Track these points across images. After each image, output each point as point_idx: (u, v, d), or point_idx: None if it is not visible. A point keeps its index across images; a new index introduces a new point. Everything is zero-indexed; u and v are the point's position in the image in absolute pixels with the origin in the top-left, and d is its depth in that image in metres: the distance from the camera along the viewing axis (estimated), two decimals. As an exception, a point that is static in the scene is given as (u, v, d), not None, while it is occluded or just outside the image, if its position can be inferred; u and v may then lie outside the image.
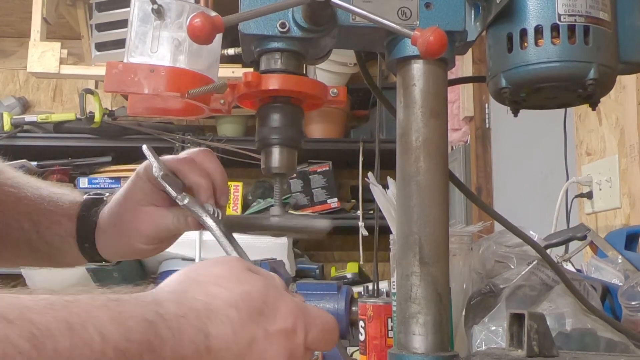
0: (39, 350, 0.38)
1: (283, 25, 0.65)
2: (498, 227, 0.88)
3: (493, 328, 0.84)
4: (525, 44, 0.67)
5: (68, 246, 0.80)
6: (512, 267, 0.95)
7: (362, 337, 0.98)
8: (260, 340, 0.48)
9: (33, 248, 0.80)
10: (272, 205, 0.70)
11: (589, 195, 1.72)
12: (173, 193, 0.69)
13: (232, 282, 0.49)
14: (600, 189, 1.68)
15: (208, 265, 0.52)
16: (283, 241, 2.43)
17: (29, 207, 0.80)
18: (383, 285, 1.52)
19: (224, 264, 0.52)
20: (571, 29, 0.66)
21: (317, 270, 3.00)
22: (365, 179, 1.13)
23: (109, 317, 0.42)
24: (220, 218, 0.68)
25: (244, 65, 2.45)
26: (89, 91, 2.97)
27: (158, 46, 0.70)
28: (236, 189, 3.18)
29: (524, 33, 0.67)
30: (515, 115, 0.75)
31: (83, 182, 3.14)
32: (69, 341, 0.39)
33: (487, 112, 2.69)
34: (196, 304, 0.47)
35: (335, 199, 3.17)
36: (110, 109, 3.12)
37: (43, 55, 2.52)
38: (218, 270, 0.51)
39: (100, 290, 0.46)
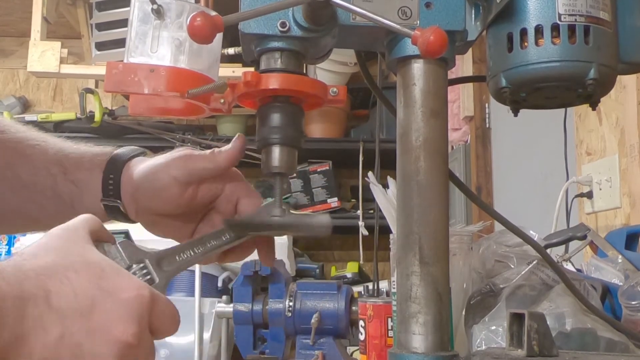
0: None
1: (283, 24, 0.65)
2: (498, 226, 0.88)
3: (493, 328, 0.84)
4: (526, 44, 0.67)
5: (92, 183, 0.77)
6: (512, 266, 0.95)
7: (362, 337, 0.98)
8: (105, 301, 0.50)
9: (57, 192, 0.77)
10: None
11: (589, 195, 1.72)
12: None
13: (69, 252, 0.52)
14: (600, 189, 1.68)
15: (56, 235, 0.54)
16: (283, 241, 2.43)
17: (57, 154, 0.79)
18: (383, 285, 1.52)
19: (61, 237, 0.54)
20: (571, 28, 0.66)
21: (317, 270, 3.00)
22: (366, 178, 1.13)
23: None
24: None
25: (244, 65, 2.45)
26: (89, 91, 2.97)
27: (158, 46, 0.70)
28: (236, 188, 3.19)
29: (524, 33, 0.67)
30: (515, 115, 0.75)
31: (83, 181, 3.15)
32: None
33: (487, 111, 2.69)
34: (35, 265, 0.49)
35: (335, 199, 3.17)
36: (110, 108, 3.12)
37: (43, 54, 2.52)
38: (55, 243, 0.53)
39: None
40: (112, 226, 0.78)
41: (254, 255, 1.05)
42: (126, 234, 1.59)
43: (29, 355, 0.46)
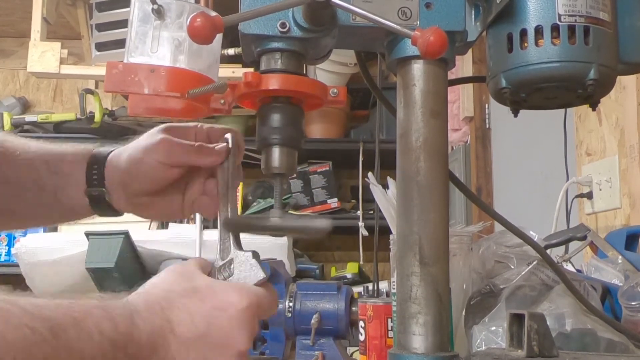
0: (57, 339, 0.47)
1: (283, 25, 0.65)
2: (498, 227, 0.88)
3: (493, 328, 0.84)
4: (526, 44, 0.67)
5: (76, 173, 0.79)
6: (512, 267, 0.95)
7: (362, 337, 0.98)
8: (219, 321, 0.58)
9: (40, 185, 0.79)
10: (272, 206, 0.70)
11: (589, 196, 1.72)
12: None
13: (181, 280, 0.60)
14: (600, 189, 1.68)
15: (161, 274, 0.62)
16: (283, 241, 2.43)
17: (39, 150, 0.81)
18: (383, 285, 1.52)
19: (172, 269, 0.62)
20: (571, 29, 0.66)
21: (317, 270, 3.00)
22: (365, 179, 1.13)
23: (102, 315, 0.52)
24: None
25: (244, 65, 2.46)
26: (89, 91, 2.97)
27: (158, 46, 0.70)
28: (236, 189, 3.19)
29: (524, 33, 0.67)
30: (515, 116, 0.75)
31: (83, 182, 3.15)
32: (76, 333, 0.49)
33: (487, 112, 2.69)
34: (157, 299, 0.57)
35: (335, 199, 3.17)
36: (110, 109, 3.12)
37: (43, 55, 2.52)
38: (168, 276, 0.61)
39: (90, 297, 0.56)
40: (111, 226, 0.78)
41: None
42: (126, 235, 1.58)
43: None
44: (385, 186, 1.04)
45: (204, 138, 0.77)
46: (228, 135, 0.76)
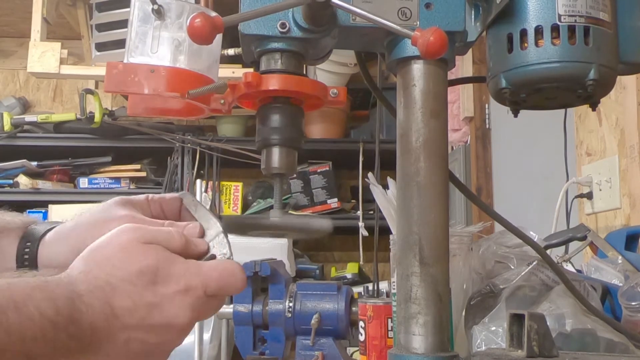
0: None
1: (283, 25, 0.65)
2: (498, 227, 0.88)
3: (493, 328, 0.84)
4: (526, 45, 0.67)
5: (5, 248, 0.70)
6: (512, 267, 0.95)
7: (362, 338, 0.98)
8: (159, 303, 0.58)
9: None
10: (272, 206, 0.70)
11: (589, 196, 1.72)
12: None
13: (125, 262, 0.58)
14: (600, 190, 1.68)
15: (102, 247, 0.60)
16: (283, 241, 2.43)
17: None
18: (383, 286, 1.52)
19: (115, 244, 0.60)
20: (571, 29, 0.66)
21: (317, 271, 3.00)
22: (365, 179, 1.13)
23: (42, 297, 0.52)
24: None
25: (244, 66, 2.46)
26: (89, 91, 2.97)
27: (158, 46, 0.70)
28: (236, 189, 3.19)
29: (524, 33, 0.67)
30: (515, 116, 0.75)
31: (83, 182, 3.15)
32: (17, 316, 0.50)
33: (487, 112, 2.69)
34: (99, 282, 0.57)
35: (335, 199, 3.17)
36: (110, 109, 3.12)
37: (43, 55, 2.52)
38: (112, 251, 0.59)
39: (30, 274, 0.56)
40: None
41: (254, 256, 1.05)
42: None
43: (104, 353, 0.56)
44: (385, 186, 1.04)
45: (158, 211, 0.71)
46: (184, 200, 0.71)
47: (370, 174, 1.08)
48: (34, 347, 0.50)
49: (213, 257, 0.65)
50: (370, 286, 1.40)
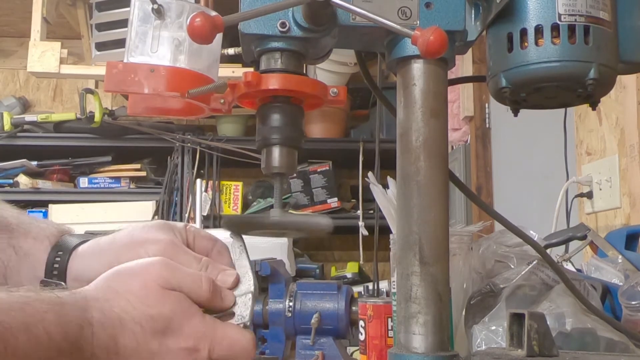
0: (5, 345, 0.48)
1: (283, 24, 0.65)
2: (498, 226, 0.88)
3: (493, 328, 0.84)
4: (526, 44, 0.67)
5: (36, 255, 0.69)
6: (512, 266, 0.95)
7: (362, 337, 0.98)
8: (161, 354, 0.58)
9: None
10: (272, 205, 0.70)
11: (589, 195, 1.72)
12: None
13: (141, 303, 0.58)
14: (600, 189, 1.68)
15: (127, 276, 0.60)
16: (283, 241, 2.43)
17: (3, 212, 0.72)
18: (383, 285, 1.52)
19: (139, 279, 0.59)
20: (571, 28, 0.66)
21: (317, 270, 3.00)
22: (365, 178, 1.13)
23: (54, 321, 0.52)
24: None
25: (244, 65, 2.46)
26: (89, 91, 2.97)
27: (158, 46, 0.70)
28: (236, 188, 3.19)
29: (524, 33, 0.67)
30: (515, 115, 0.75)
31: (83, 181, 3.15)
32: (27, 338, 0.49)
33: (487, 111, 2.69)
34: (112, 315, 0.57)
35: (335, 199, 3.17)
36: (110, 108, 3.12)
37: (43, 55, 2.52)
38: (133, 285, 0.59)
39: (48, 290, 0.55)
40: (112, 226, 0.71)
41: (254, 255, 1.05)
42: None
43: None
44: (385, 186, 1.04)
45: (191, 241, 0.70)
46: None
47: (370, 174, 1.08)
48: None
49: (232, 314, 0.63)
50: (370, 285, 1.40)
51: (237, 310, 0.64)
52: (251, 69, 0.69)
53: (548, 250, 1.16)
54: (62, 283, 0.68)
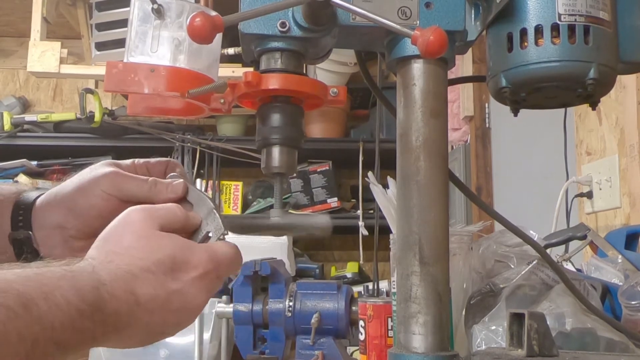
0: (29, 313, 0.49)
1: (283, 24, 0.65)
2: (498, 226, 0.88)
3: (493, 328, 0.84)
4: (526, 44, 0.67)
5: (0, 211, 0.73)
6: (512, 266, 0.95)
7: (362, 337, 0.98)
8: (178, 289, 0.61)
9: None
10: (272, 205, 0.70)
11: (589, 195, 1.72)
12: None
13: (144, 252, 0.61)
14: (600, 189, 1.68)
15: (117, 235, 0.62)
16: (283, 241, 2.43)
17: None
18: (383, 285, 1.52)
19: (130, 233, 0.62)
20: (571, 28, 0.66)
21: (317, 270, 3.00)
22: (365, 178, 1.13)
23: (69, 286, 0.54)
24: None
25: (244, 65, 2.45)
26: (89, 91, 2.97)
27: (158, 46, 0.70)
28: (236, 188, 3.19)
29: (524, 33, 0.67)
30: (515, 115, 0.75)
31: (83, 181, 3.14)
32: (46, 305, 0.51)
33: (487, 111, 2.69)
34: (121, 272, 0.59)
35: (335, 199, 3.17)
36: (110, 108, 3.11)
37: (43, 54, 2.52)
38: (129, 241, 0.61)
39: (56, 263, 0.57)
40: None
41: (254, 255, 1.05)
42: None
43: (126, 335, 0.59)
44: (385, 186, 1.04)
45: (144, 173, 0.74)
46: (176, 170, 0.74)
47: (370, 174, 1.08)
48: (63, 335, 0.52)
49: (207, 237, 0.67)
50: (370, 285, 1.40)
51: (211, 228, 0.67)
52: (251, 69, 0.69)
53: (548, 250, 1.16)
54: (30, 233, 0.73)
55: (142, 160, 0.76)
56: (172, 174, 0.74)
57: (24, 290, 0.51)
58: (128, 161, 0.75)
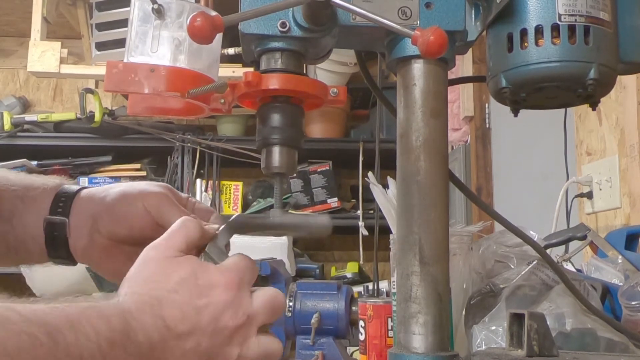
0: (55, 343, 0.48)
1: (283, 24, 0.65)
2: (498, 227, 0.88)
3: (493, 328, 0.84)
4: (526, 44, 0.67)
5: (40, 200, 0.75)
6: (512, 267, 0.95)
7: (362, 337, 0.98)
8: (205, 305, 0.59)
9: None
10: (272, 205, 0.70)
11: (589, 195, 1.72)
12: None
13: (164, 276, 0.59)
14: (600, 189, 1.68)
15: (139, 272, 0.61)
16: (283, 241, 2.43)
17: (6, 176, 0.78)
18: (383, 285, 1.52)
19: (150, 263, 0.61)
20: (571, 28, 0.66)
21: (317, 270, 3.00)
22: (365, 178, 1.13)
23: (96, 315, 0.53)
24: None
25: (244, 65, 2.45)
26: (89, 91, 2.97)
27: (158, 46, 0.70)
28: (236, 188, 3.19)
29: (524, 33, 0.67)
30: (515, 115, 0.75)
31: (83, 181, 3.14)
32: (73, 335, 0.50)
33: (487, 112, 2.69)
34: (145, 299, 0.58)
35: (336, 199, 3.17)
36: (110, 108, 3.12)
37: (43, 54, 2.52)
38: (148, 273, 0.60)
39: (82, 298, 0.56)
40: None
41: (254, 255, 1.05)
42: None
43: None
44: (385, 186, 1.04)
45: (191, 210, 0.75)
46: (215, 219, 0.74)
47: (370, 174, 1.08)
48: None
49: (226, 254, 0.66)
50: (370, 285, 1.40)
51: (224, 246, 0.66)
52: (251, 69, 0.69)
53: (548, 251, 1.16)
54: (66, 219, 0.74)
55: (194, 199, 0.78)
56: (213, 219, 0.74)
57: (48, 319, 0.49)
58: (184, 195, 0.77)
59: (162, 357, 0.56)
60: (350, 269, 3.05)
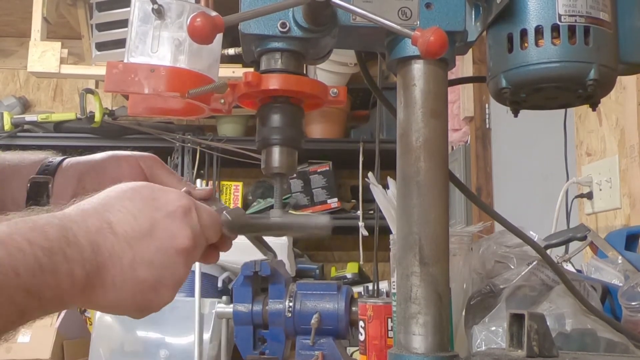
0: None
1: (283, 25, 0.65)
2: (498, 227, 0.88)
3: (493, 328, 0.84)
4: (526, 44, 0.67)
5: (29, 165, 0.77)
6: (512, 267, 0.95)
7: (362, 337, 0.98)
8: (161, 219, 0.57)
9: None
10: (272, 205, 0.70)
11: (589, 196, 1.72)
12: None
13: (117, 188, 0.58)
14: (600, 190, 1.68)
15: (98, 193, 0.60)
16: (283, 241, 2.43)
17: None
18: (383, 285, 1.53)
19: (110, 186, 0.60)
20: (571, 29, 0.66)
21: (317, 270, 3.00)
22: (365, 179, 1.13)
23: (28, 227, 0.49)
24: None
25: (244, 65, 2.45)
26: (89, 91, 2.97)
27: (158, 46, 0.70)
28: (236, 188, 3.19)
29: (524, 33, 0.67)
30: (516, 116, 0.75)
31: (83, 181, 3.15)
32: (5, 251, 0.46)
33: (487, 112, 2.69)
34: (91, 204, 0.55)
35: (335, 199, 3.17)
36: (110, 108, 3.12)
37: (43, 54, 2.52)
38: (105, 191, 0.59)
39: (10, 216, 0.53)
40: None
41: (254, 256, 1.05)
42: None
43: (112, 280, 0.54)
44: (385, 186, 1.04)
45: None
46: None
47: (370, 174, 1.08)
48: (32, 280, 0.47)
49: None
50: (370, 286, 1.40)
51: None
52: (251, 69, 0.69)
53: (548, 251, 1.16)
54: (50, 177, 0.75)
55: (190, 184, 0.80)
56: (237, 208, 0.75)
57: None
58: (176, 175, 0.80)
59: (110, 267, 0.53)
60: (350, 270, 3.06)
